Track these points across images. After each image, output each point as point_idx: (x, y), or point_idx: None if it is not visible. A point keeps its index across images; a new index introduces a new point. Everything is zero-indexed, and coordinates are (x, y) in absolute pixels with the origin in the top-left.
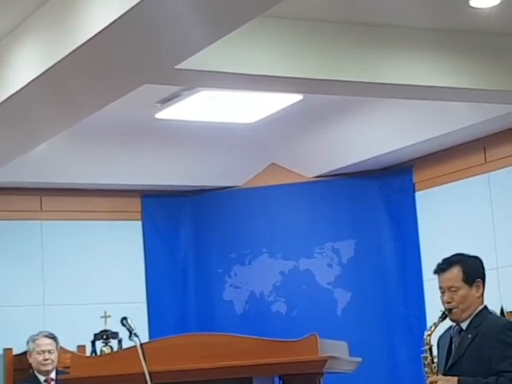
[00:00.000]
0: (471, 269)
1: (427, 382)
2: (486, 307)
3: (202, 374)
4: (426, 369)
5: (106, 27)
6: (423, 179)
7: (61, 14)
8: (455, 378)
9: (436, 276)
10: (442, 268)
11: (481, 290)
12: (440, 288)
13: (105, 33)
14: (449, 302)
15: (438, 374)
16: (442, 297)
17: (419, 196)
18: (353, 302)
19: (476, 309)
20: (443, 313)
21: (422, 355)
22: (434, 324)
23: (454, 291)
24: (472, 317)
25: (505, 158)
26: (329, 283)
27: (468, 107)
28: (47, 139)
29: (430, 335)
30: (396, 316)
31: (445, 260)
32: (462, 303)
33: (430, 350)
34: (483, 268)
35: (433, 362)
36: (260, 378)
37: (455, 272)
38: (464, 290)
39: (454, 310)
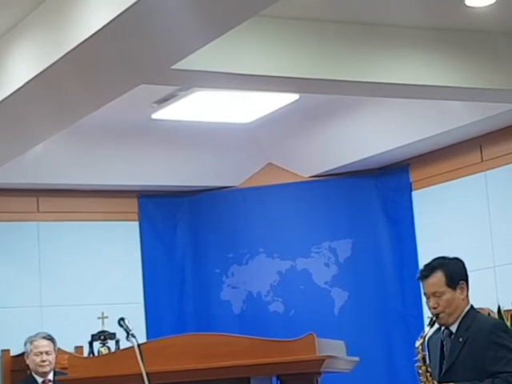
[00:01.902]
0: (453, 272)
1: None
2: (472, 307)
3: (200, 375)
4: (422, 377)
5: (102, 28)
6: (420, 178)
7: (57, 14)
8: None
9: None
10: (424, 274)
11: (465, 292)
12: (425, 294)
13: (101, 33)
14: (435, 308)
15: (433, 382)
16: (427, 303)
17: (416, 195)
18: (350, 302)
19: (463, 311)
20: (431, 319)
21: (416, 365)
22: (424, 333)
23: (439, 296)
24: (460, 319)
25: (501, 156)
26: (326, 283)
27: (464, 106)
28: (44, 140)
29: (421, 344)
30: (393, 315)
31: (426, 266)
32: (448, 307)
33: (423, 359)
34: (465, 269)
35: (427, 371)
36: (258, 377)
37: (438, 277)
38: (448, 293)
39: (440, 315)
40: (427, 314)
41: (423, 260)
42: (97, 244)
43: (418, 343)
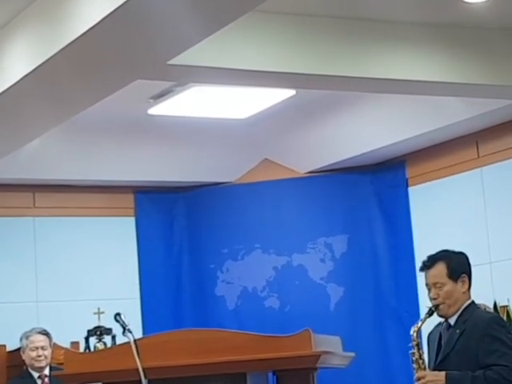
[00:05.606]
0: (456, 264)
1: (415, 377)
2: (473, 302)
3: (196, 370)
4: (414, 365)
5: (98, 22)
6: (416, 174)
7: (53, 9)
8: (443, 373)
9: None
10: (426, 265)
11: (466, 286)
12: (426, 285)
13: (97, 28)
14: (435, 299)
15: (425, 370)
16: (428, 294)
17: (412, 191)
18: (346, 297)
19: (463, 304)
20: (430, 309)
21: (410, 351)
22: (421, 320)
23: (440, 287)
24: (460, 312)
25: (497, 152)
26: (322, 278)
27: (460, 102)
28: (40, 135)
29: (416, 332)
30: (389, 311)
31: (429, 257)
32: (448, 299)
33: (418, 346)
34: (469, 264)
35: (420, 358)
36: (254, 373)
37: (440, 268)
38: (449, 285)
39: (440, 306)
40: (423, 310)
41: (419, 256)
42: (93, 239)
43: (413, 330)
